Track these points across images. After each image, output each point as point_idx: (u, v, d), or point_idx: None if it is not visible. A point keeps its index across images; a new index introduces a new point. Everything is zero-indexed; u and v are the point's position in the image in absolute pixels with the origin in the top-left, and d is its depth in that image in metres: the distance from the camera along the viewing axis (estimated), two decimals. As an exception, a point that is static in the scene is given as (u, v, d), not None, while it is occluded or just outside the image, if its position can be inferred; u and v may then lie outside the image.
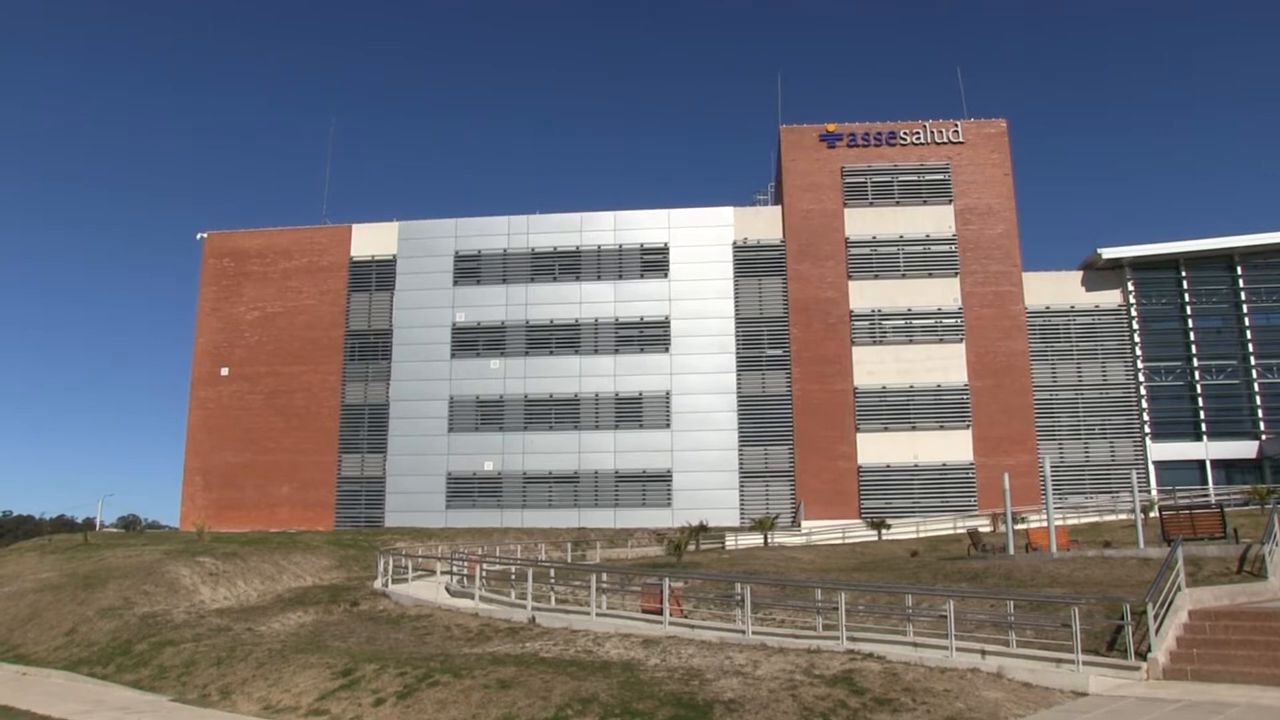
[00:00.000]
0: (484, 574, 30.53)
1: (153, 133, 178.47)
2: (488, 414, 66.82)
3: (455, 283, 69.09)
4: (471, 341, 68.10)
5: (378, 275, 69.98)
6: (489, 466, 65.77)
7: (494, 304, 68.37)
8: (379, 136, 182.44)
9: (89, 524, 73.81)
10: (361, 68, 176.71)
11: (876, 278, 66.25)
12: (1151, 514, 42.11)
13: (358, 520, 64.80)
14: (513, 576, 30.17)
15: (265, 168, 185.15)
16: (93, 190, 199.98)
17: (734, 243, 67.80)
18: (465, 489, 65.62)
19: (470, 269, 69.18)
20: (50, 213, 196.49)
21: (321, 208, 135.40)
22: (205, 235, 72.40)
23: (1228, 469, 63.66)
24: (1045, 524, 36.06)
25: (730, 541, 53.39)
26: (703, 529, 50.54)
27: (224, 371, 69.06)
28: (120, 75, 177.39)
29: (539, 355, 67.26)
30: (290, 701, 18.06)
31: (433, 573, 37.46)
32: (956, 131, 68.39)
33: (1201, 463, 64.14)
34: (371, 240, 70.54)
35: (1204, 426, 64.86)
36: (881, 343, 65.36)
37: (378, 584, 32.76)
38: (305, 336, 69.14)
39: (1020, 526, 39.49)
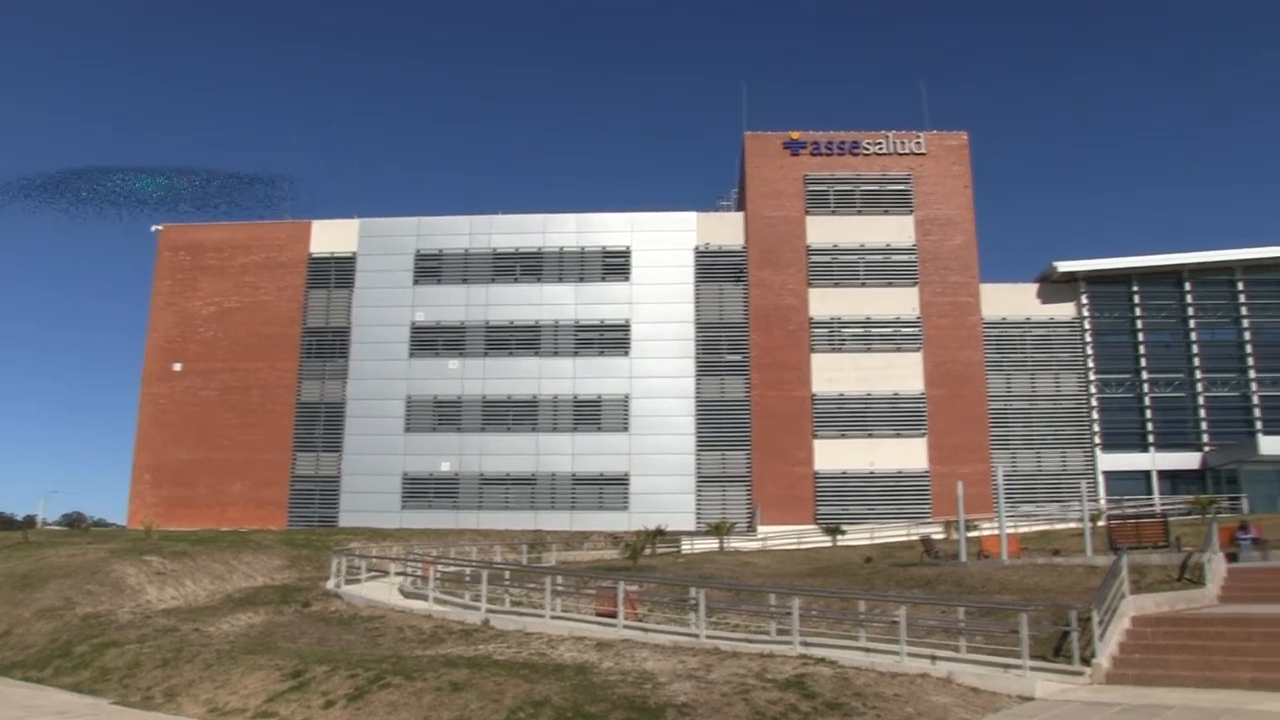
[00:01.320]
0: (438, 575, 30.33)
1: (107, 120, 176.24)
2: (445, 414, 66.55)
3: (415, 281, 68.77)
4: (431, 341, 67.80)
5: (337, 272, 69.49)
6: (445, 467, 65.50)
7: (454, 304, 68.11)
8: (341, 133, 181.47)
9: (30, 521, 72.78)
10: (325, 63, 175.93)
11: (837, 286, 66.65)
12: (1100, 523, 42.66)
13: (311, 520, 64.29)
14: (467, 578, 29.98)
15: (223, 161, 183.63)
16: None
17: (696, 248, 67.97)
18: (421, 490, 65.32)
19: (431, 268, 68.88)
20: None
21: (282, 203, 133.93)
22: (160, 228, 71.48)
23: (1173, 479, 64.75)
24: (997, 532, 36.47)
25: (686, 546, 53.46)
26: (659, 533, 50.54)
27: (177, 367, 68.27)
28: (76, 61, 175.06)
29: (498, 356, 67.08)
30: (238, 703, 17.85)
31: (386, 574, 37.10)
32: (919, 143, 68.95)
33: (1148, 473, 65.25)
34: (331, 237, 70.07)
35: (1151, 438, 65.92)
36: (840, 350, 65.77)
37: (330, 584, 32.42)
38: (262, 333, 68.54)
39: (973, 534, 39.82)
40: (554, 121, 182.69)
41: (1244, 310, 67.98)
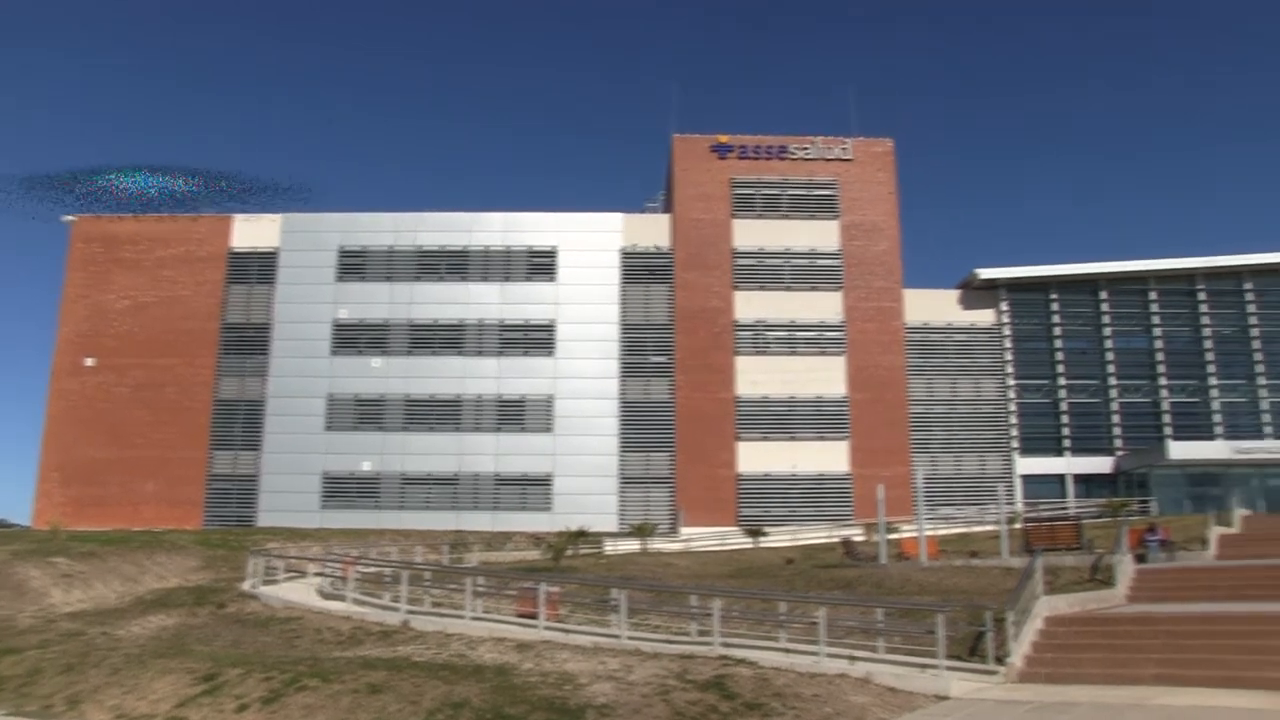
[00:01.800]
0: (358, 576, 30.04)
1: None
2: (367, 413, 65.79)
3: (339, 278, 67.88)
4: (353, 339, 66.99)
5: (258, 268, 68.32)
6: (367, 467, 64.77)
7: (378, 301, 67.36)
8: (262, 125, 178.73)
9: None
10: (245, 52, 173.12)
11: (762, 289, 67.03)
12: (1016, 525, 43.42)
13: (228, 519, 63.12)
14: (387, 579, 29.69)
15: (141, 153, 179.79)
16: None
17: (623, 249, 67.94)
18: (342, 489, 64.51)
19: (355, 265, 68.05)
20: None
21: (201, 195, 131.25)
22: (73, 219, 69.52)
23: (1087, 483, 66.09)
24: (917, 534, 37.00)
25: (609, 547, 53.35)
26: (582, 534, 50.35)
27: (89, 362, 66.56)
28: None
29: (422, 355, 66.47)
30: (146, 709, 17.45)
31: (305, 574, 36.65)
32: (845, 149, 69.57)
33: (1063, 476, 66.58)
34: (253, 232, 68.88)
35: (1067, 442, 67.27)
36: (765, 353, 66.15)
37: (247, 585, 31.96)
38: (179, 328, 67.12)
39: (893, 536, 40.30)
40: (481, 118, 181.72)
41: (1156, 320, 69.74)
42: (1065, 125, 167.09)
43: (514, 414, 65.34)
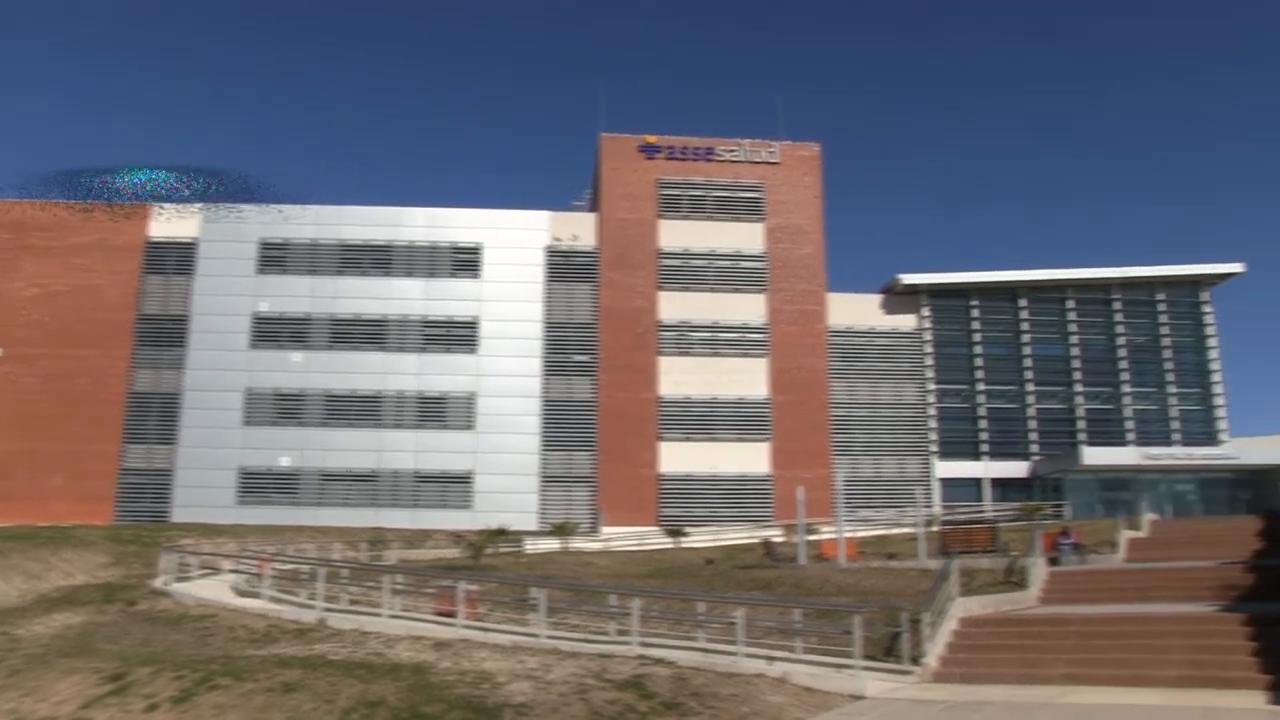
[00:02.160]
0: (274, 573, 29.60)
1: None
2: (286, 408, 64.86)
3: (259, 271, 66.80)
4: (273, 332, 65.99)
5: (177, 258, 66.95)
6: (285, 462, 63.87)
7: (299, 295, 66.43)
8: (185, 116, 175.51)
9: None
10: (166, 40, 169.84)
11: (686, 290, 67.25)
12: (934, 528, 44.06)
13: (141, 515, 61.76)
14: (304, 576, 29.29)
15: (50, 139, 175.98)
16: None
17: (548, 247, 67.73)
18: (259, 485, 63.51)
19: (276, 257, 67.02)
20: None
21: (117, 184, 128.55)
22: (-24, 205, 67.70)
23: (1004, 487, 67.28)
24: (836, 535, 37.39)
25: (530, 545, 53.11)
26: (502, 532, 50.20)
27: (-4, 352, 64.87)
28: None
29: (343, 350, 65.67)
30: (48, 711, 16.92)
31: (220, 571, 36.05)
32: (772, 152, 70.06)
33: (980, 480, 67.68)
34: (171, 221, 67.41)
35: (984, 447, 68.40)
36: (688, 354, 66.35)
37: (159, 582, 31.34)
38: (93, 318, 65.52)
39: (812, 538, 40.70)
40: (407, 112, 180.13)
41: (1072, 327, 71.27)
42: (990, 132, 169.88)
43: (435, 411, 64.86)
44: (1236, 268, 71.88)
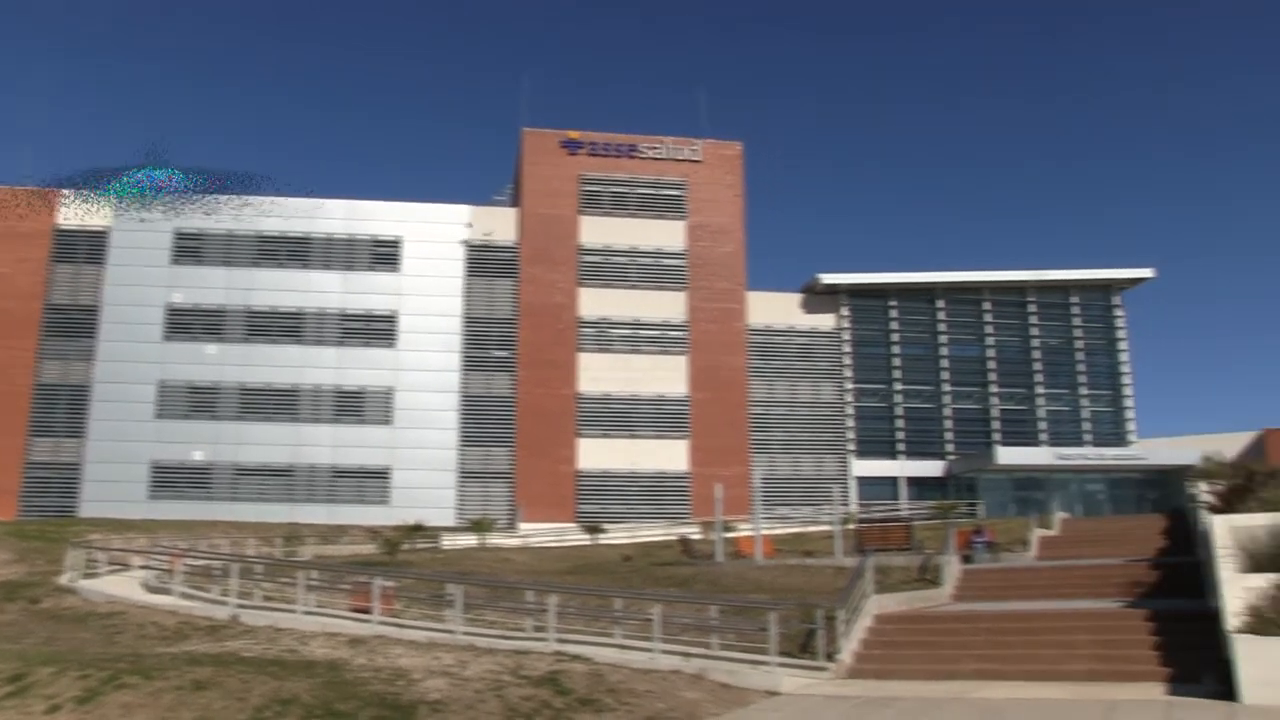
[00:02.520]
0: (186, 569, 29.10)
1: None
2: (200, 401, 63.70)
3: (174, 261, 65.52)
4: (188, 324, 64.76)
5: (87, 247, 65.38)
6: (198, 456, 62.77)
7: (214, 286, 65.26)
8: (100, 100, 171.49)
9: None
10: (82, 23, 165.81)
11: (607, 286, 67.33)
12: (850, 526, 44.58)
13: (47, 510, 60.22)
14: (217, 572, 28.84)
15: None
16: None
17: (468, 241, 67.34)
18: (172, 479, 62.31)
19: (191, 248, 65.77)
20: None
21: (23, 169, 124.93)
22: None
23: (919, 485, 68.19)
24: (753, 533, 37.68)
25: (447, 541, 52.78)
26: (419, 528, 49.89)
27: (-108, 340, 62.71)
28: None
29: (259, 343, 64.69)
30: (-63, 715, 16.48)
31: (130, 568, 35.33)
32: (695, 150, 70.35)
33: (896, 479, 68.57)
34: (82, 209, 65.68)
35: (901, 446, 69.32)
36: (608, 350, 66.44)
37: (65, 579, 30.62)
38: (-4, 308, 63.86)
39: (730, 535, 40.96)
40: (326, 103, 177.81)
41: (988, 329, 72.54)
42: (911, 135, 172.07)
43: (353, 405, 64.20)
44: (1147, 273, 73.73)
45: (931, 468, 69.13)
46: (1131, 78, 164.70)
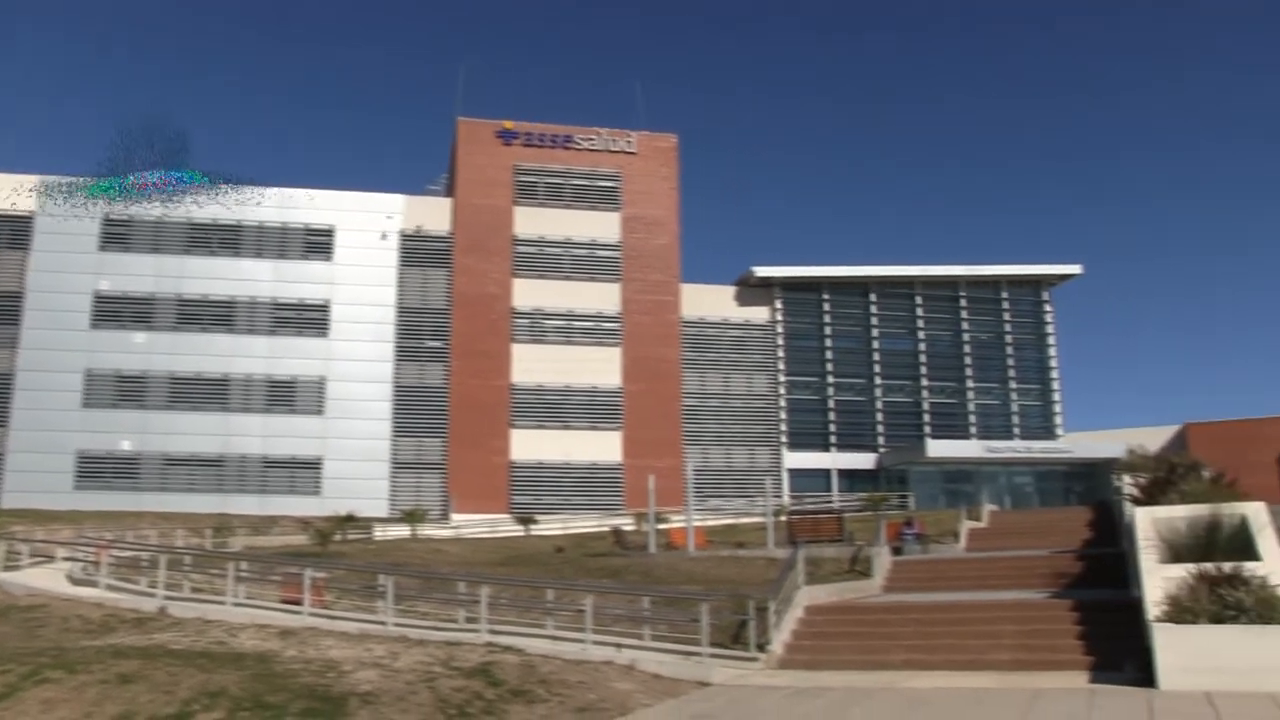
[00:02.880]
0: (112, 560, 28.72)
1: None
2: (128, 390, 62.71)
3: (101, 247, 64.31)
4: (115, 312, 63.68)
5: (10, 232, 63.96)
6: (126, 446, 61.82)
7: (143, 274, 64.18)
8: (24, 81, 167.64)
9: None
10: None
11: (541, 277, 67.32)
12: (782, 518, 44.98)
13: (-33, 501, 59.18)
14: (145, 564, 28.48)
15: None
16: None
17: (402, 231, 66.95)
18: (98, 469, 61.30)
19: (120, 234, 64.59)
20: None
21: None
22: None
23: (851, 478, 68.99)
24: (686, 524, 37.94)
25: (379, 532, 52.59)
26: (351, 519, 49.65)
27: None
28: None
29: (189, 331, 63.75)
30: None
31: (54, 559, 34.75)
32: (630, 142, 70.47)
33: (829, 471, 69.28)
34: (4, 193, 64.37)
35: (833, 438, 70.09)
36: (541, 341, 66.47)
37: (-15, 572, 30.14)
38: (-85, 294, 62.35)
39: (662, 526, 41.12)
40: (258, 89, 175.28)
41: (920, 323, 73.51)
42: (846, 129, 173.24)
43: (284, 395, 63.59)
44: (1074, 269, 75.14)
45: (863, 460, 69.94)
46: (1064, 82, 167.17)
